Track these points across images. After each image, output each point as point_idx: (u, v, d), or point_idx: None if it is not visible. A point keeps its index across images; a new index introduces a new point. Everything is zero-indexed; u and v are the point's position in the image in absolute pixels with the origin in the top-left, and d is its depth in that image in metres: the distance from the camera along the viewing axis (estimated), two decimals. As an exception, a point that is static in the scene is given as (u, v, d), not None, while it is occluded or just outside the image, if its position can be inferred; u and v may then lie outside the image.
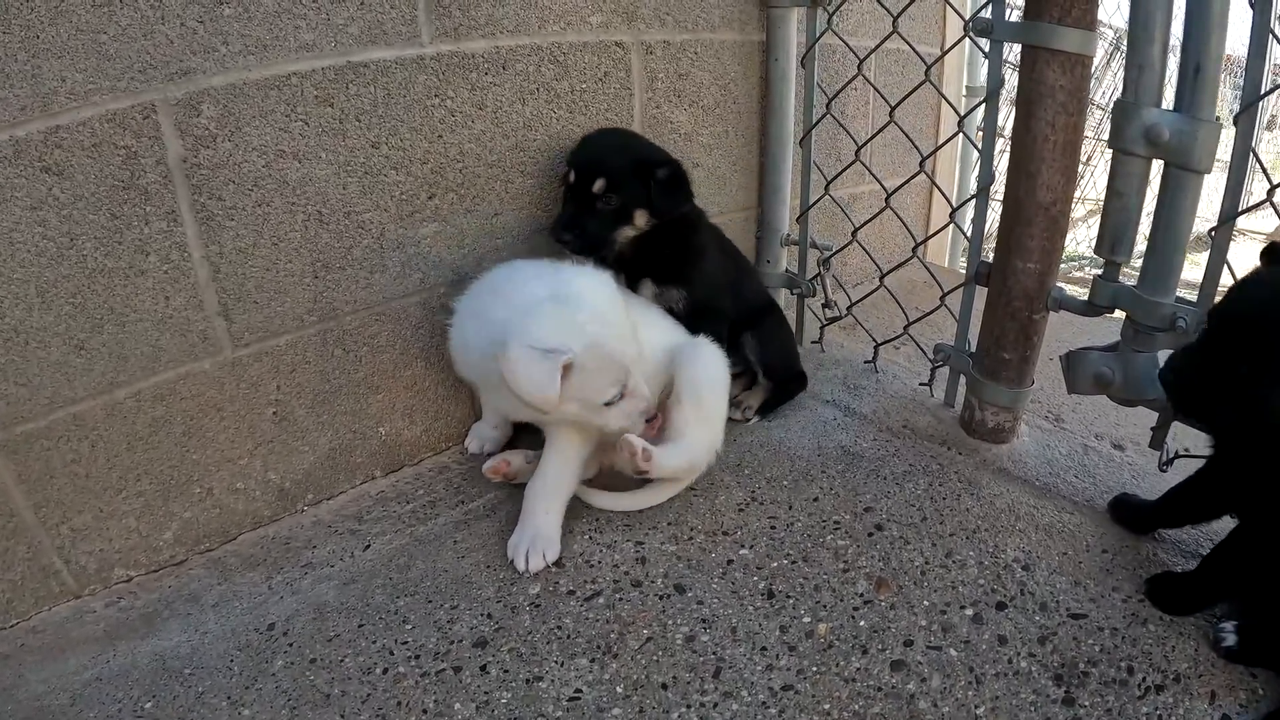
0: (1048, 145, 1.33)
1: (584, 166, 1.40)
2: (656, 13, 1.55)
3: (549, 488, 1.28)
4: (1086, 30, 1.27)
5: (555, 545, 1.25)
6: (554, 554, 1.24)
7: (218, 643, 1.14)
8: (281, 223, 1.24)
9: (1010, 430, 1.51)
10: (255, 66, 1.16)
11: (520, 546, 1.24)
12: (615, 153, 1.43)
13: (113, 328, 1.15)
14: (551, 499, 1.28)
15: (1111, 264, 1.32)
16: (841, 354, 1.88)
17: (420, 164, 1.33)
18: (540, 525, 1.26)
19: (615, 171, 1.39)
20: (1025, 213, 1.36)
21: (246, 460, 1.31)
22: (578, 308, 1.14)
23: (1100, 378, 1.33)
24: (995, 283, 1.43)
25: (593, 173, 1.39)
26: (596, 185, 1.39)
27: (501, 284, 1.24)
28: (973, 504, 1.36)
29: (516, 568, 1.23)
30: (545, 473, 1.29)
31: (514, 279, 1.24)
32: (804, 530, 1.31)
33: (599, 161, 1.41)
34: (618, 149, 1.44)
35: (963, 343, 1.54)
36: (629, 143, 1.49)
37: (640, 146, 1.48)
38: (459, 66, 1.33)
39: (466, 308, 1.27)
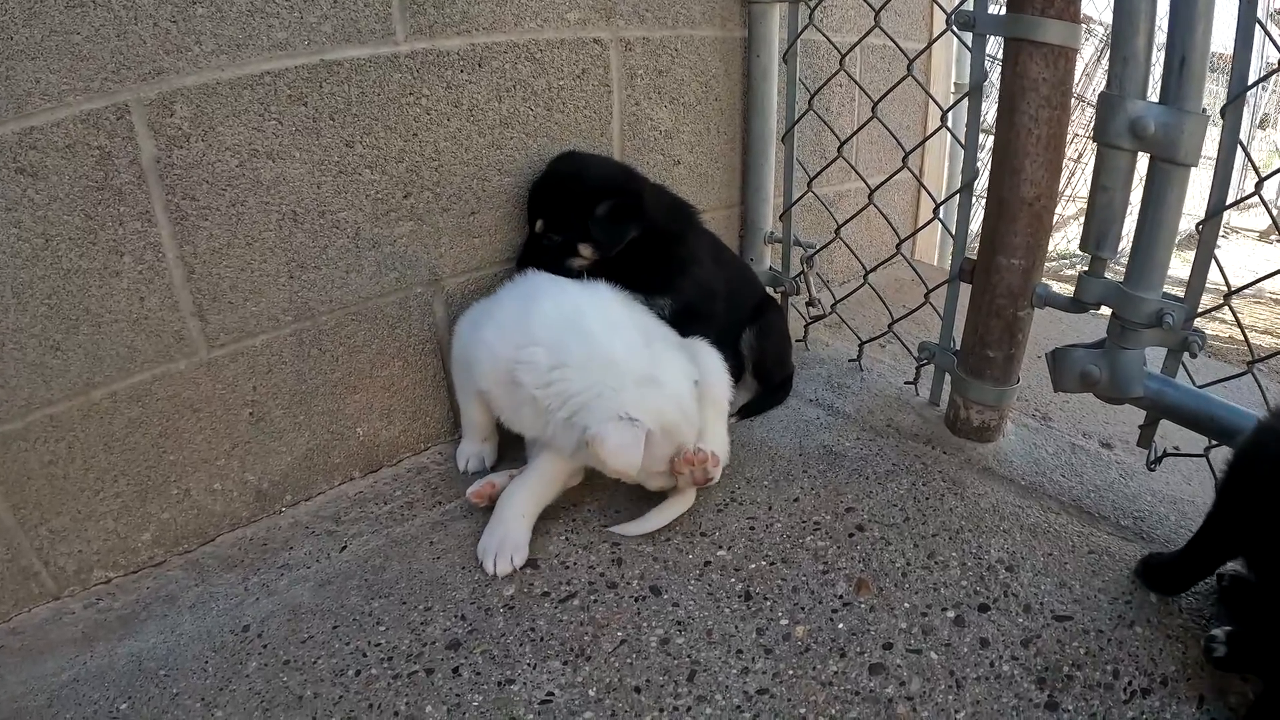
0: (1031, 140, 1.31)
1: (531, 205, 1.47)
2: (635, 9, 1.54)
3: (526, 494, 1.28)
4: (1070, 23, 1.26)
5: (523, 550, 1.25)
6: (521, 559, 1.24)
7: (193, 644, 1.13)
8: (256, 222, 1.23)
9: (996, 429, 1.48)
10: (228, 66, 1.16)
11: (489, 550, 1.24)
12: (557, 191, 1.45)
13: (88, 329, 1.15)
14: (526, 504, 1.28)
15: (1097, 260, 1.29)
16: (826, 352, 1.86)
17: (395, 163, 1.33)
18: (510, 530, 1.26)
19: (553, 211, 1.44)
20: (1009, 208, 1.35)
21: (224, 461, 1.31)
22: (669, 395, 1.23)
23: (1086, 375, 1.31)
24: (979, 280, 1.41)
25: (534, 213, 1.46)
26: (537, 226, 1.45)
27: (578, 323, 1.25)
28: (956, 504, 1.34)
29: (485, 570, 1.23)
30: (528, 479, 1.29)
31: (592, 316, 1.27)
32: (783, 531, 1.29)
33: (540, 202, 1.46)
34: (560, 187, 1.45)
35: (948, 340, 1.52)
36: (579, 174, 1.47)
37: (589, 178, 1.46)
38: (434, 64, 1.32)
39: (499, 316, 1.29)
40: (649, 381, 1.22)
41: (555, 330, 1.23)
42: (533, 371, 1.22)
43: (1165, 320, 1.21)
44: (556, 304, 1.27)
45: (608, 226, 1.42)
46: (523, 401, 1.24)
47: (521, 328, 1.25)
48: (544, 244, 1.44)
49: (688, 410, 1.26)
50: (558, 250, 1.44)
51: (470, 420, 1.44)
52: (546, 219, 1.43)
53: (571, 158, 1.50)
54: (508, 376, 1.24)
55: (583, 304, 1.29)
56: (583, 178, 1.46)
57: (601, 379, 1.19)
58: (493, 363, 1.26)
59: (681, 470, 1.24)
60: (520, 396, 1.24)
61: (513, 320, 1.27)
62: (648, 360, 1.24)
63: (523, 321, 1.25)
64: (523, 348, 1.22)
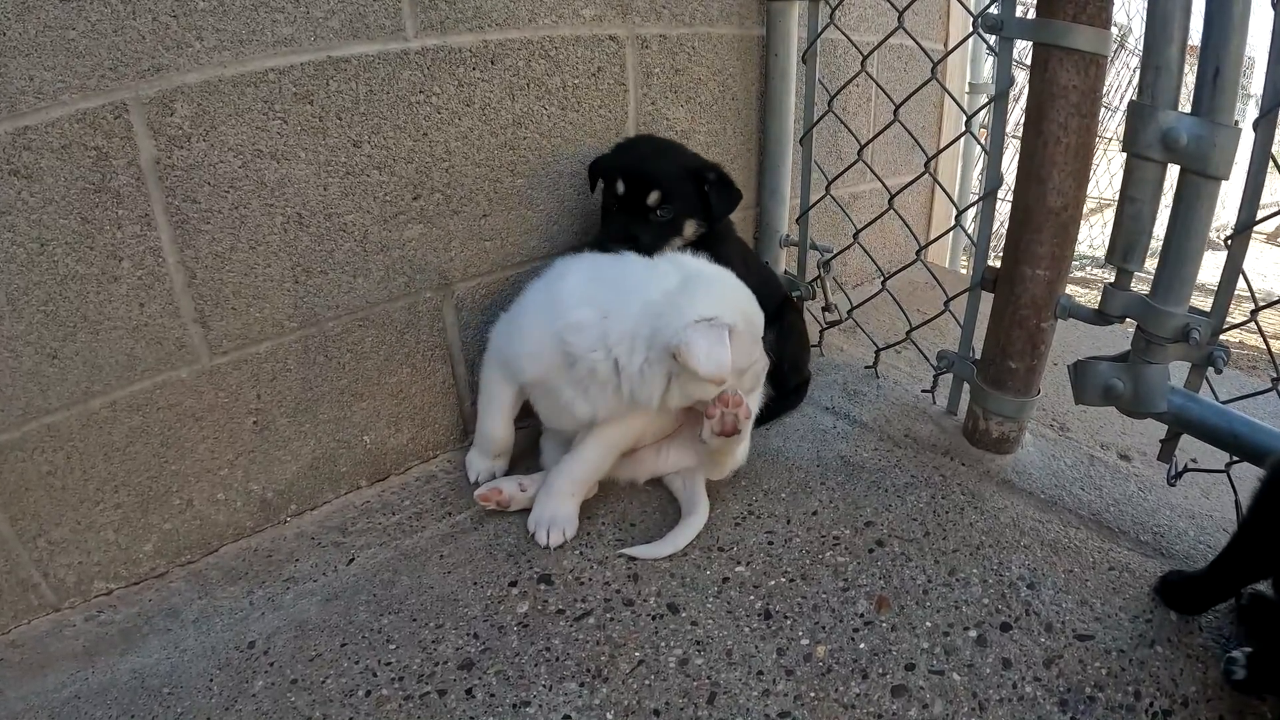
0: (1059, 149, 1.27)
1: (637, 177, 1.37)
2: (653, 5, 1.49)
3: (579, 472, 1.29)
4: (1101, 29, 1.22)
5: (574, 524, 1.29)
6: (572, 531, 1.29)
7: (197, 661, 1.10)
8: (259, 225, 1.19)
9: (1015, 440, 1.46)
10: (231, 63, 1.11)
11: (541, 524, 1.28)
12: (666, 162, 1.41)
13: (86, 336, 1.11)
14: (578, 483, 1.30)
15: (1123, 272, 1.27)
16: (842, 358, 1.83)
17: (404, 163, 1.28)
18: (560, 506, 1.29)
19: (669, 181, 1.38)
20: (1034, 219, 1.31)
21: (227, 470, 1.27)
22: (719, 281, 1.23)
23: (1110, 390, 1.29)
24: (1002, 290, 1.39)
25: (647, 184, 1.37)
26: (651, 197, 1.37)
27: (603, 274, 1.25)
28: (976, 518, 1.32)
29: (537, 541, 1.27)
30: (581, 456, 1.29)
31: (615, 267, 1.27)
32: (802, 546, 1.27)
33: (653, 172, 1.37)
34: (667, 158, 1.42)
35: (966, 350, 1.50)
36: (674, 150, 1.46)
37: (685, 153, 1.46)
38: (445, 61, 1.27)
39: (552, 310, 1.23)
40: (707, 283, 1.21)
41: (591, 290, 1.22)
42: (583, 332, 1.19)
43: (1192, 336, 1.19)
44: (582, 271, 1.27)
45: (722, 196, 1.42)
46: (580, 380, 1.21)
47: (557, 302, 1.23)
48: (651, 219, 1.38)
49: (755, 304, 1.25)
50: (667, 227, 1.39)
51: (486, 432, 1.38)
52: (663, 190, 1.37)
53: (650, 137, 1.49)
54: (558, 355, 1.21)
55: (605, 264, 1.29)
56: (683, 151, 1.46)
57: (659, 303, 1.17)
58: (538, 346, 1.23)
59: (713, 413, 1.21)
60: (577, 375, 1.21)
61: (545, 301, 1.26)
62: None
63: (556, 297, 1.24)
64: (565, 316, 1.20)
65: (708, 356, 1.11)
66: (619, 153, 1.42)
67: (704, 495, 1.32)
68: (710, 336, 1.11)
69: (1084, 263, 4.25)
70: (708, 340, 1.11)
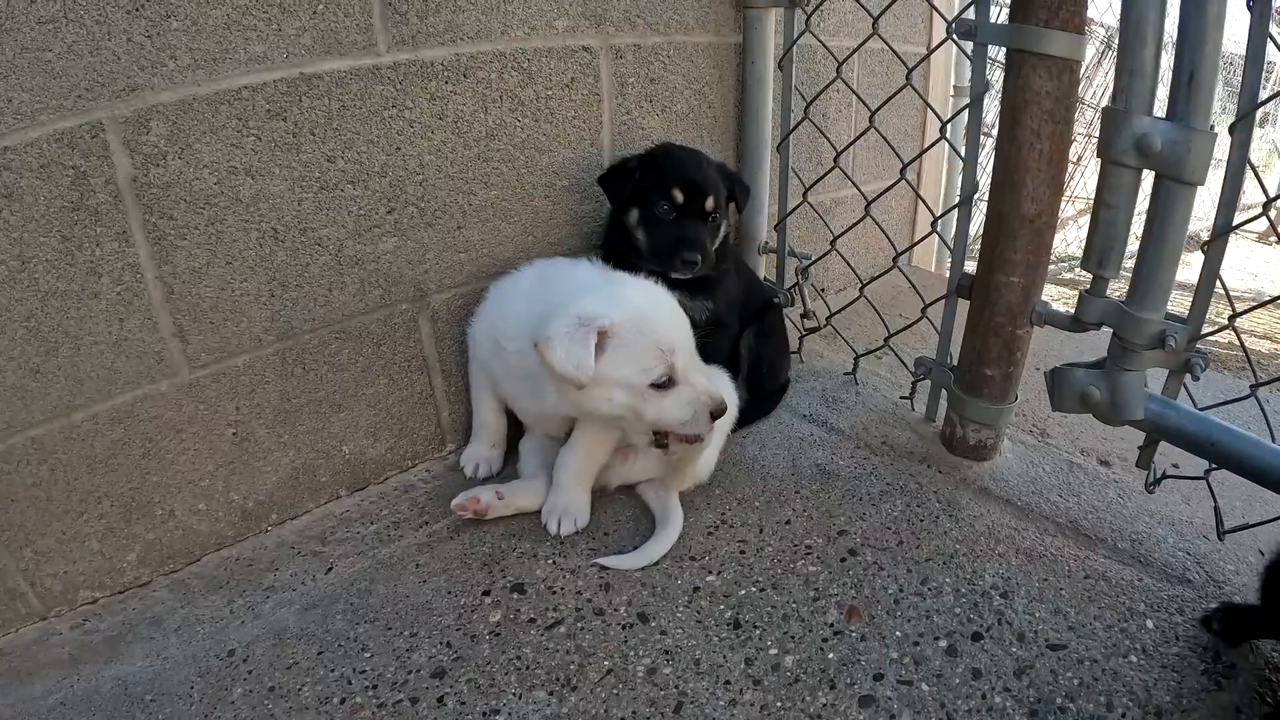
0: (1033, 155, 1.27)
1: (696, 186, 1.43)
2: (627, 15, 1.50)
3: (580, 463, 1.32)
4: (1075, 34, 1.22)
5: (585, 514, 1.34)
6: (584, 522, 1.32)
7: (179, 668, 1.12)
8: (235, 241, 1.21)
9: (992, 447, 1.46)
10: (204, 81, 1.13)
11: (554, 514, 1.32)
12: (711, 169, 1.47)
13: (68, 351, 1.13)
14: (582, 473, 1.33)
15: (1099, 279, 1.26)
16: (821, 364, 1.83)
17: (378, 177, 1.30)
18: (571, 498, 1.33)
19: (717, 187, 1.46)
20: (1009, 225, 1.31)
21: (208, 481, 1.29)
22: (624, 284, 1.21)
23: (1086, 397, 1.28)
24: (977, 297, 1.38)
25: (704, 191, 1.43)
26: (709, 203, 1.44)
27: (549, 273, 1.32)
28: (951, 526, 1.32)
29: (549, 531, 1.32)
30: (576, 448, 1.32)
31: (562, 268, 1.33)
32: (774, 555, 1.27)
33: (708, 180, 1.44)
34: (710, 164, 1.48)
35: (944, 356, 1.49)
36: (706, 156, 1.51)
37: (707, 156, 1.52)
38: (417, 75, 1.29)
39: (499, 300, 1.34)
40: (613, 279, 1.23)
41: (533, 287, 1.29)
42: (507, 322, 1.26)
43: (1168, 342, 1.18)
44: (534, 271, 1.34)
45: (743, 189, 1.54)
46: (513, 372, 1.27)
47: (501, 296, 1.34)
48: (709, 223, 1.45)
49: (671, 311, 1.22)
50: (716, 231, 1.47)
51: (481, 421, 1.47)
52: (716, 195, 1.44)
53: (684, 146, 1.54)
54: (496, 348, 1.28)
55: (554, 267, 1.35)
56: (709, 157, 1.51)
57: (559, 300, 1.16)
58: (484, 333, 1.33)
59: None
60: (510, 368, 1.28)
61: (491, 300, 1.37)
62: None
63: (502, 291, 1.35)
64: (502, 307, 1.29)
65: (565, 355, 1.09)
66: (665, 164, 1.44)
67: (678, 506, 1.33)
68: (575, 336, 1.09)
69: (1071, 264, 4.18)
70: (570, 339, 1.09)
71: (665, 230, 1.42)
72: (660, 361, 1.16)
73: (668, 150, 1.49)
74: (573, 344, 1.09)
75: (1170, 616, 1.15)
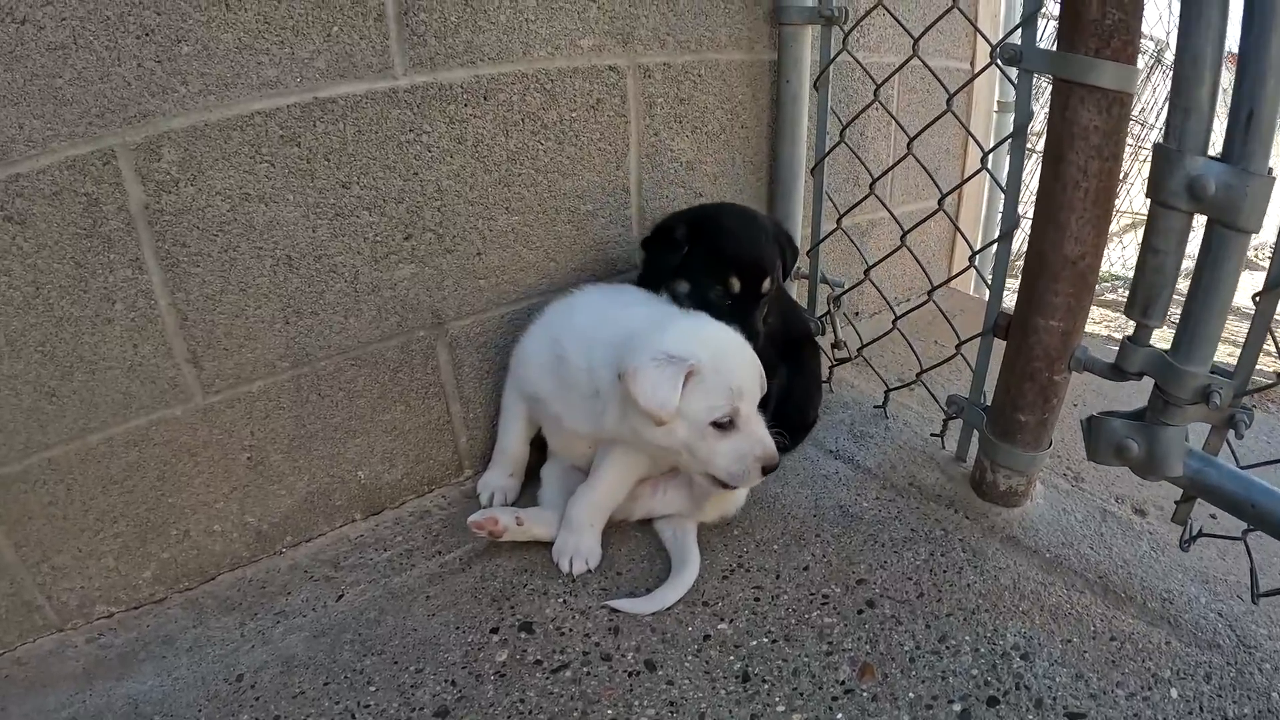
0: (1078, 193, 1.20)
1: (753, 269, 1.35)
2: (655, 33, 1.44)
3: (596, 502, 1.30)
4: (1127, 65, 1.14)
5: (597, 555, 1.31)
6: (595, 562, 1.30)
7: (188, 690, 1.13)
8: (249, 268, 1.19)
9: (1023, 494, 1.40)
10: (216, 107, 1.11)
11: (565, 554, 1.29)
12: (767, 238, 1.39)
13: (83, 375, 1.13)
14: (596, 512, 1.31)
15: (1143, 327, 1.19)
16: (851, 395, 1.77)
17: (395, 203, 1.27)
18: (584, 539, 1.30)
19: (774, 263, 1.38)
20: (1050, 266, 1.24)
21: (223, 504, 1.29)
22: (708, 322, 1.21)
23: (1123, 450, 1.22)
24: (1014, 339, 1.32)
25: (762, 273, 1.36)
26: (766, 285, 1.37)
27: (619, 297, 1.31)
28: (975, 579, 1.27)
29: (560, 569, 1.29)
30: (595, 486, 1.30)
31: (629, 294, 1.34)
32: (789, 604, 1.23)
33: (765, 258, 1.36)
34: (767, 236, 1.39)
35: (978, 396, 1.43)
36: (761, 222, 1.42)
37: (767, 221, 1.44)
38: (436, 98, 1.25)
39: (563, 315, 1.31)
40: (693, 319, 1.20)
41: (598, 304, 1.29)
42: (574, 336, 1.24)
43: (1212, 399, 1.12)
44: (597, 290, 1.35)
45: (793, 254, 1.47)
46: (566, 388, 1.25)
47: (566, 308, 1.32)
48: (763, 301, 1.38)
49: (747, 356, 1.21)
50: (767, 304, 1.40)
51: (503, 448, 1.45)
52: (773, 275, 1.37)
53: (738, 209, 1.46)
54: (551, 358, 1.26)
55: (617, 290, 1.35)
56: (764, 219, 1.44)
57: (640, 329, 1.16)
58: (537, 347, 1.30)
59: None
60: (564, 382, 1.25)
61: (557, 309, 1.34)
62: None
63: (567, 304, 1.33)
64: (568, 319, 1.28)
65: (652, 391, 1.08)
66: (720, 240, 1.34)
67: (695, 548, 1.30)
68: (662, 373, 1.09)
69: (1114, 284, 3.99)
70: (658, 375, 1.08)
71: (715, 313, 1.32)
72: (729, 401, 1.15)
73: (720, 220, 1.38)
74: (661, 380, 1.09)
75: (1197, 685, 1.10)
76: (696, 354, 1.12)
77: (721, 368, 1.14)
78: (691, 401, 1.12)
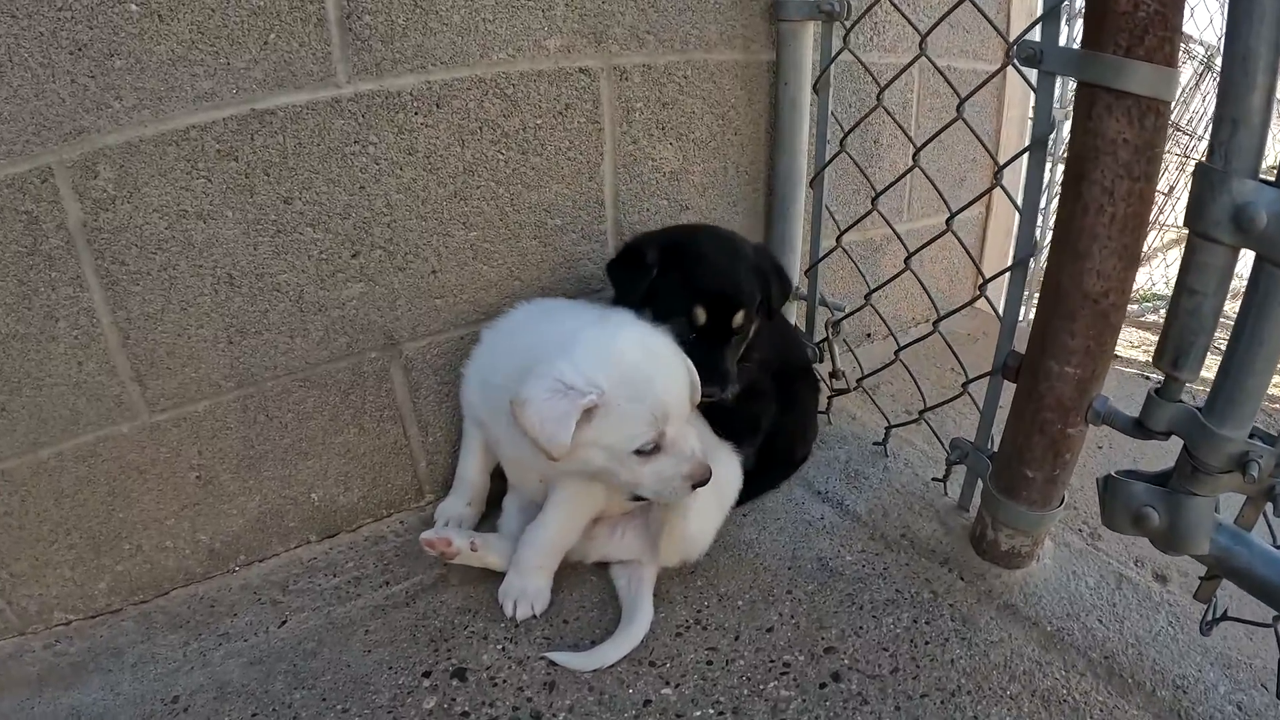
0: (1102, 219, 1.02)
1: (720, 300, 1.21)
2: (633, 31, 1.32)
3: (547, 543, 1.21)
4: (1164, 68, 0.95)
5: (544, 599, 1.22)
6: (542, 607, 1.22)
7: (127, 707, 1.12)
8: (189, 287, 1.16)
9: (1027, 555, 1.23)
10: (151, 121, 1.07)
11: (509, 596, 1.22)
12: (742, 269, 1.24)
13: (30, 391, 1.13)
14: (544, 554, 1.22)
15: (1172, 380, 1.01)
16: (851, 428, 1.62)
17: (340, 219, 1.21)
18: (530, 580, 1.22)
19: (750, 297, 1.23)
20: (1067, 302, 1.07)
21: (174, 521, 1.28)
22: (620, 335, 1.06)
23: (1141, 519, 1.04)
24: (1024, 384, 1.15)
25: (732, 306, 1.21)
26: (737, 320, 1.22)
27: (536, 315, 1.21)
28: (961, 653, 1.12)
29: (504, 612, 1.21)
30: (546, 526, 1.21)
31: (556, 309, 1.22)
32: (745, 671, 1.12)
33: (738, 291, 1.22)
34: (738, 262, 1.24)
35: (984, 441, 1.27)
36: (738, 246, 1.28)
37: (745, 246, 1.29)
38: (383, 107, 1.18)
39: (492, 340, 1.24)
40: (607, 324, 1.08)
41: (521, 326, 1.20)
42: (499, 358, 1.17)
43: (1249, 470, 0.94)
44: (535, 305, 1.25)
45: (782, 286, 1.30)
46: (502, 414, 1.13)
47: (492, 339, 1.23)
48: (732, 340, 1.24)
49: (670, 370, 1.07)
50: (740, 341, 1.26)
51: (461, 475, 1.38)
52: (746, 307, 1.22)
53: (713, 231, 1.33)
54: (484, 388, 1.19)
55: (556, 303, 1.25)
56: (743, 242, 1.30)
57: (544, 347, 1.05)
58: (474, 379, 1.23)
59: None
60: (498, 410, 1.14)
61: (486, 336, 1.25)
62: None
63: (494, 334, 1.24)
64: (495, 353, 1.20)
65: (540, 426, 0.98)
66: (689, 266, 1.22)
67: (648, 601, 1.20)
68: (554, 406, 0.97)
69: (1157, 304, 3.52)
70: (548, 408, 0.98)
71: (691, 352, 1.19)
72: (650, 429, 1.05)
73: (693, 244, 1.25)
74: (550, 414, 0.98)
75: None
76: (600, 382, 1.00)
77: (638, 393, 1.02)
78: (604, 434, 1.02)
